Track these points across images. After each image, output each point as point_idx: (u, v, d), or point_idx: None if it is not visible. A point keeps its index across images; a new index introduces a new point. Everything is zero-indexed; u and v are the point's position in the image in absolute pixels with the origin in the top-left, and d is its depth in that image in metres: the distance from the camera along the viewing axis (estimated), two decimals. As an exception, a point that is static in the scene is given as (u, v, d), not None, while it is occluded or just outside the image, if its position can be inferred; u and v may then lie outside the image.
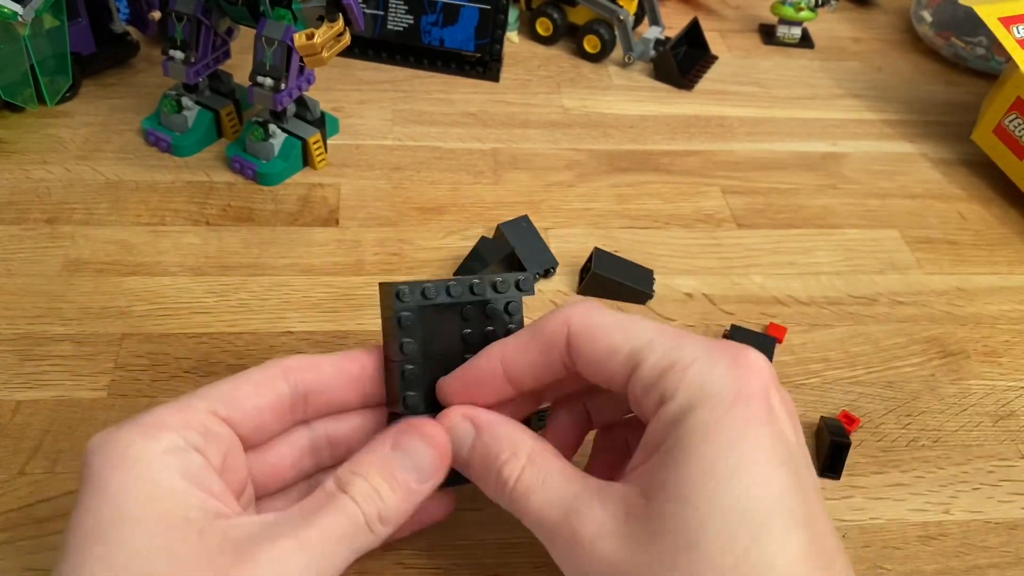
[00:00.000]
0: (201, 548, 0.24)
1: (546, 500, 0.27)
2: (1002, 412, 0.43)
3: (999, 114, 0.57)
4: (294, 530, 0.25)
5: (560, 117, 0.61)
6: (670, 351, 0.26)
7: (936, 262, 0.52)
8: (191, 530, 0.24)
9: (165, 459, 0.25)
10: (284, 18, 0.46)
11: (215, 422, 0.28)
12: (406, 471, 0.28)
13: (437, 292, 0.30)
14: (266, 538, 0.25)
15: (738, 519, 0.23)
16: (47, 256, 0.45)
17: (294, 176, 0.52)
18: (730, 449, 0.24)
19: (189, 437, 0.26)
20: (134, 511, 0.24)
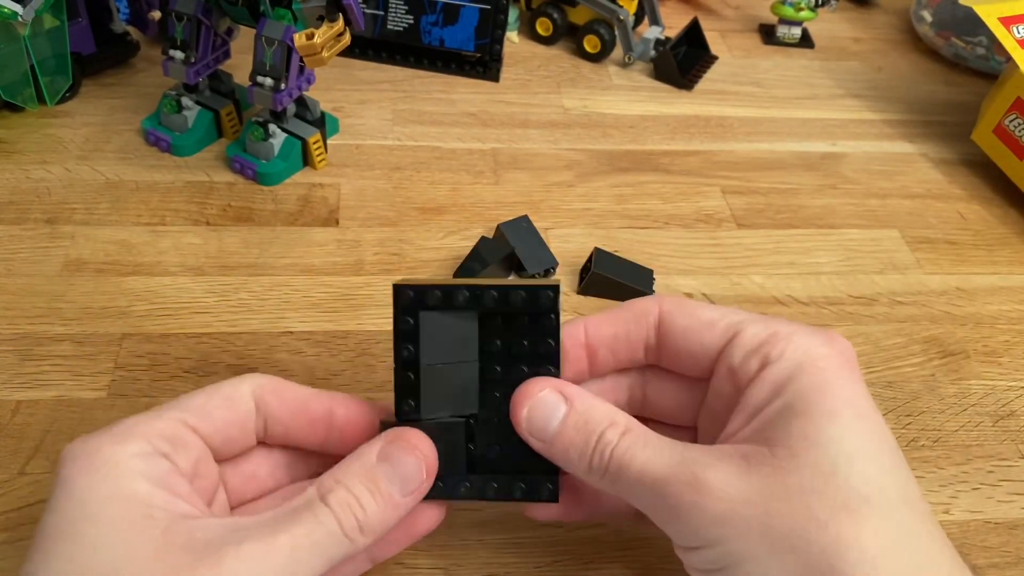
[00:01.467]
0: (163, 546, 0.24)
1: (655, 455, 0.27)
2: (1002, 412, 0.43)
3: (999, 114, 0.57)
4: (263, 535, 0.25)
5: (560, 117, 0.61)
6: (767, 324, 0.29)
7: (936, 262, 0.52)
8: (154, 528, 0.24)
9: (131, 462, 0.26)
10: (284, 18, 0.46)
11: (185, 431, 0.28)
12: (390, 482, 0.27)
13: (445, 297, 0.29)
14: (232, 540, 0.24)
15: (869, 456, 0.25)
16: (47, 256, 0.45)
17: (294, 176, 0.52)
18: (846, 403, 0.26)
19: (157, 443, 0.26)
20: (97, 510, 0.24)
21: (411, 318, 0.29)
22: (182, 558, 0.24)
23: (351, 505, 0.27)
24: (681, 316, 0.30)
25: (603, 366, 0.32)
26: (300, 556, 0.25)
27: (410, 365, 0.29)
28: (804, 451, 0.25)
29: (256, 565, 0.24)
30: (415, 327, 0.29)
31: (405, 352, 0.29)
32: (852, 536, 0.24)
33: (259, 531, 0.25)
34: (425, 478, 0.28)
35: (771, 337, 0.28)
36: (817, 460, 0.25)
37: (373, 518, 0.27)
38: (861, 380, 0.28)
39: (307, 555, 0.25)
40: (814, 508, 0.25)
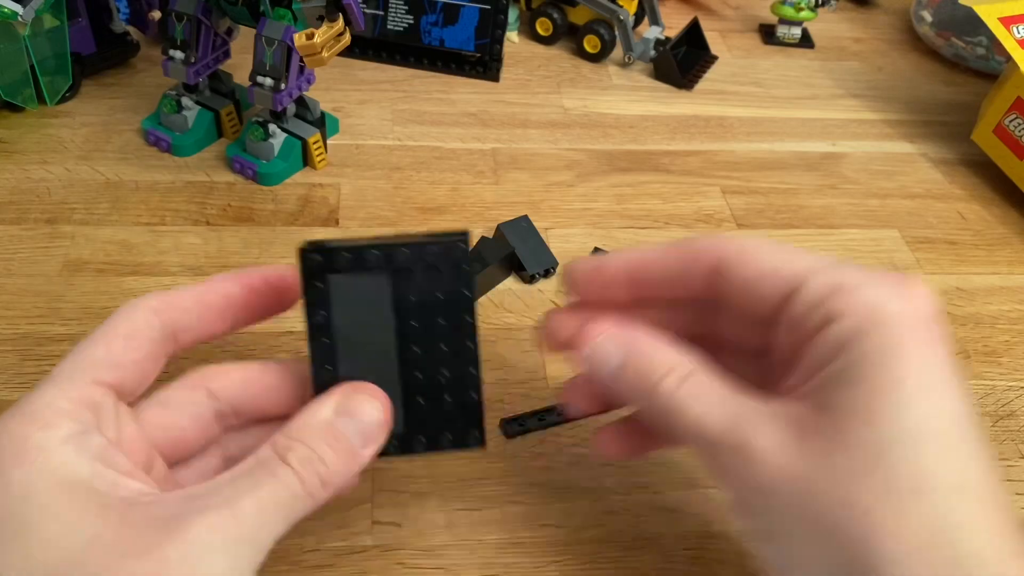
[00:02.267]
0: (125, 529, 0.23)
1: (708, 410, 0.26)
2: (1002, 412, 0.43)
3: (999, 114, 0.57)
4: (226, 502, 0.24)
5: (560, 117, 0.61)
6: (834, 274, 0.26)
7: (936, 262, 0.52)
8: (111, 513, 0.23)
9: (66, 448, 0.24)
10: (284, 18, 0.46)
11: (102, 393, 0.26)
12: (350, 434, 0.27)
13: (355, 260, 0.28)
14: (194, 511, 0.24)
15: (924, 438, 0.24)
16: (47, 256, 0.45)
17: (294, 176, 0.52)
18: (913, 371, 0.24)
19: (83, 418, 0.25)
20: (45, 503, 0.23)
21: (320, 283, 0.28)
22: (147, 537, 0.23)
23: (312, 461, 0.26)
24: (744, 263, 0.28)
25: (652, 297, 0.30)
26: (266, 519, 0.25)
27: (323, 331, 0.29)
28: (857, 426, 0.24)
29: (223, 534, 0.24)
30: (326, 291, 0.28)
31: (318, 318, 0.28)
32: (892, 527, 0.23)
33: (220, 498, 0.24)
34: (382, 428, 0.28)
35: (837, 289, 0.26)
36: (869, 438, 0.24)
37: (335, 472, 0.26)
38: (938, 341, 0.25)
39: (272, 516, 0.25)
40: (858, 493, 0.24)
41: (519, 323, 0.44)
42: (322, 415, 0.27)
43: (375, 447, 0.28)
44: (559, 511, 0.36)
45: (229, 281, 0.30)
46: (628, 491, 0.37)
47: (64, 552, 0.23)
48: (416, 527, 0.35)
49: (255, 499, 0.25)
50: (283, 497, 0.25)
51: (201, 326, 0.30)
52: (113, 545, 0.23)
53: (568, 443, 0.39)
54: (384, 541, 0.34)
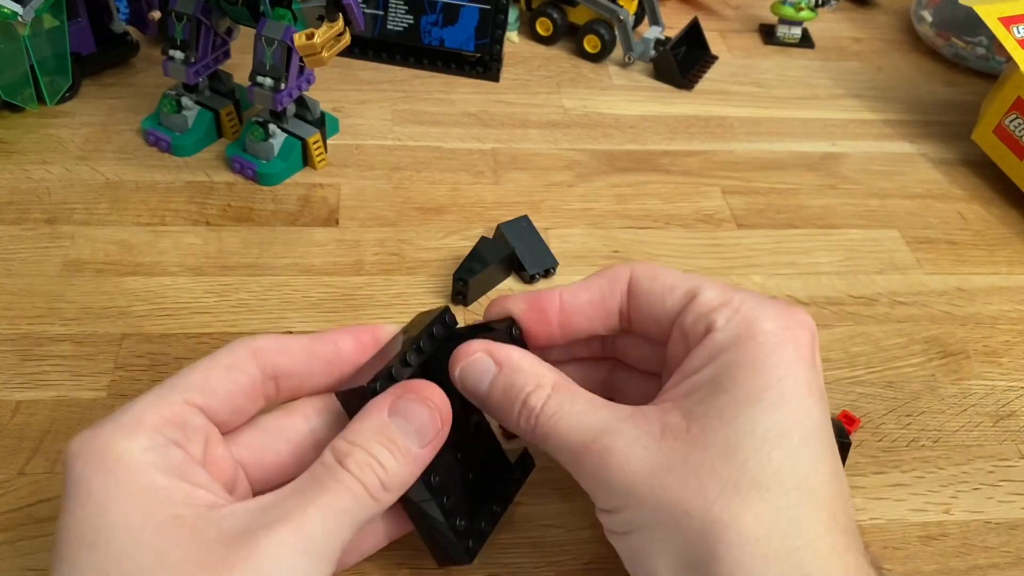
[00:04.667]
0: (193, 545, 0.23)
1: (576, 423, 0.28)
2: (1002, 412, 0.43)
3: (999, 114, 0.57)
4: (291, 512, 0.24)
5: (560, 117, 0.61)
6: (726, 292, 0.29)
7: (936, 262, 0.52)
8: (181, 528, 0.24)
9: (145, 457, 0.25)
10: (284, 18, 0.46)
11: (192, 413, 0.27)
12: (406, 436, 0.27)
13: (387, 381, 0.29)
14: (261, 525, 0.24)
15: (776, 439, 0.26)
16: (47, 256, 0.45)
17: (294, 176, 0.52)
18: (776, 382, 0.26)
19: (168, 433, 0.26)
20: (120, 515, 0.24)
21: None
22: (215, 553, 0.23)
23: (371, 465, 0.26)
24: (647, 280, 0.31)
25: (578, 332, 0.32)
26: (331, 526, 0.25)
27: None
28: (715, 429, 0.26)
29: (291, 547, 0.24)
30: None
31: None
32: (734, 517, 0.25)
33: (286, 508, 0.25)
34: (440, 427, 0.28)
35: (723, 304, 0.28)
36: (724, 439, 0.26)
37: (394, 474, 0.27)
38: (806, 358, 0.27)
39: (336, 523, 0.25)
40: (705, 486, 0.25)
41: (519, 323, 0.44)
42: (376, 417, 0.27)
43: (435, 446, 0.28)
44: (559, 511, 0.36)
45: (342, 333, 0.31)
46: (628, 491, 0.37)
47: (136, 568, 0.23)
48: (416, 527, 0.35)
49: (318, 507, 0.25)
50: (346, 502, 0.25)
51: (305, 375, 0.30)
52: (183, 563, 0.23)
53: (568, 443, 0.39)
54: (384, 541, 0.34)
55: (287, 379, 0.29)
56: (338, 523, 0.25)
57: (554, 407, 0.28)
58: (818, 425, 0.27)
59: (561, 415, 0.28)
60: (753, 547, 0.25)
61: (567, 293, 0.32)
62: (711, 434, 0.26)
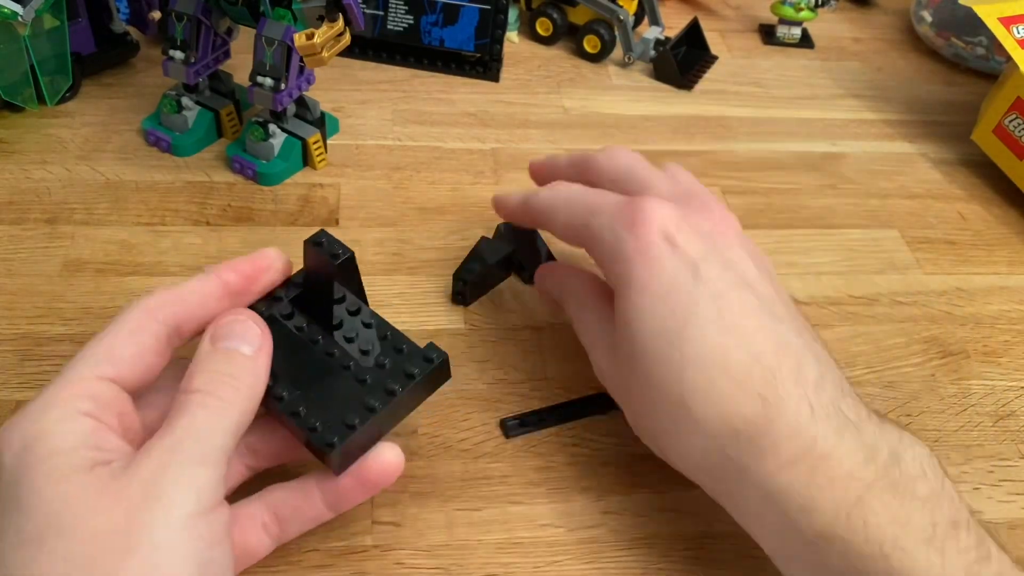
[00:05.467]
0: (92, 487, 0.26)
1: (583, 332, 0.38)
2: (1002, 412, 0.43)
3: (999, 114, 0.57)
4: (160, 438, 0.27)
5: (560, 117, 0.61)
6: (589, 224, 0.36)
7: (936, 262, 0.52)
8: (80, 475, 0.26)
9: (55, 427, 0.27)
10: (284, 18, 0.46)
11: (102, 385, 0.29)
12: (235, 347, 0.30)
13: None
14: (142, 455, 0.27)
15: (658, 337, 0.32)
16: (47, 256, 0.45)
17: (294, 176, 0.52)
18: (636, 297, 0.33)
19: (79, 405, 0.28)
20: (28, 478, 0.26)
21: None
22: (112, 487, 0.26)
23: (216, 376, 0.29)
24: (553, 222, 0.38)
25: None
26: (200, 434, 0.27)
27: None
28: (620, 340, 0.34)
29: (171, 461, 0.26)
30: None
31: None
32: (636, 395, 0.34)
33: (157, 438, 0.27)
34: (260, 331, 0.31)
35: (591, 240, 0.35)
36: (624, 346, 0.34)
37: (240, 375, 0.29)
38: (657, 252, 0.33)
39: (205, 430, 0.28)
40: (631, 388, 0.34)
41: (519, 323, 0.44)
42: (202, 349, 0.30)
43: (266, 350, 0.31)
44: (559, 511, 0.36)
45: (224, 269, 0.33)
46: (628, 491, 0.37)
47: (43, 517, 0.25)
48: (416, 527, 0.35)
49: (183, 425, 0.27)
50: (206, 414, 0.28)
51: (202, 316, 0.32)
52: (84, 501, 0.25)
53: (568, 443, 0.39)
54: (384, 541, 0.34)
55: (188, 324, 0.31)
56: (206, 431, 0.28)
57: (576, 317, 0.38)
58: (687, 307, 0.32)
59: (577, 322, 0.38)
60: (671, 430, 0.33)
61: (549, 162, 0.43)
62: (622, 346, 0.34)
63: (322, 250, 0.33)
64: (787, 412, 0.30)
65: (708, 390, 0.30)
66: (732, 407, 0.30)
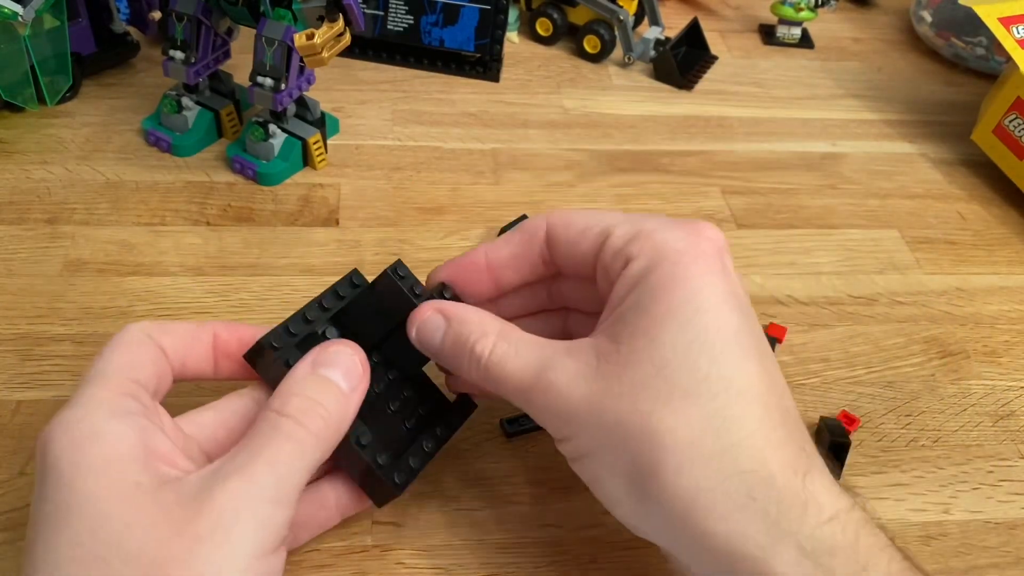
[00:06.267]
0: (155, 510, 0.25)
1: (521, 364, 0.30)
2: (1002, 412, 0.43)
3: (999, 114, 0.57)
4: (240, 467, 0.26)
5: (560, 117, 0.61)
6: (635, 224, 0.30)
7: (936, 262, 0.52)
8: (144, 495, 0.25)
9: (110, 427, 0.26)
10: (284, 18, 0.47)
11: (136, 388, 0.28)
12: (335, 379, 0.29)
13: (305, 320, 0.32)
14: (217, 482, 0.25)
15: (699, 349, 0.27)
16: (47, 256, 0.45)
17: (294, 176, 0.52)
18: (691, 295, 0.28)
19: (126, 404, 0.27)
20: (88, 488, 0.25)
21: None
22: (179, 514, 0.25)
23: (311, 406, 0.28)
24: (562, 228, 0.32)
25: (510, 283, 0.34)
26: (281, 471, 0.26)
27: None
28: (643, 347, 0.27)
29: (245, 498, 0.25)
30: None
31: None
32: (668, 426, 0.26)
33: (235, 464, 0.26)
34: (362, 370, 0.30)
35: (635, 236, 0.30)
36: (651, 356, 0.27)
37: (333, 411, 0.28)
38: (716, 269, 0.29)
39: (287, 468, 0.26)
40: (639, 401, 0.27)
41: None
42: (302, 371, 0.29)
43: (361, 389, 0.30)
44: (559, 511, 0.36)
45: (217, 325, 0.32)
46: (628, 491, 0.37)
47: (109, 537, 0.24)
48: (416, 527, 0.35)
49: (266, 457, 0.26)
50: (292, 448, 0.27)
51: (188, 357, 0.31)
52: (152, 528, 0.24)
53: (568, 443, 0.39)
54: (384, 541, 0.34)
55: (173, 359, 0.30)
56: (288, 468, 0.26)
57: (500, 353, 0.30)
58: (737, 330, 0.28)
59: (507, 359, 0.30)
60: (689, 450, 0.26)
61: (491, 250, 0.34)
62: (639, 353, 0.27)
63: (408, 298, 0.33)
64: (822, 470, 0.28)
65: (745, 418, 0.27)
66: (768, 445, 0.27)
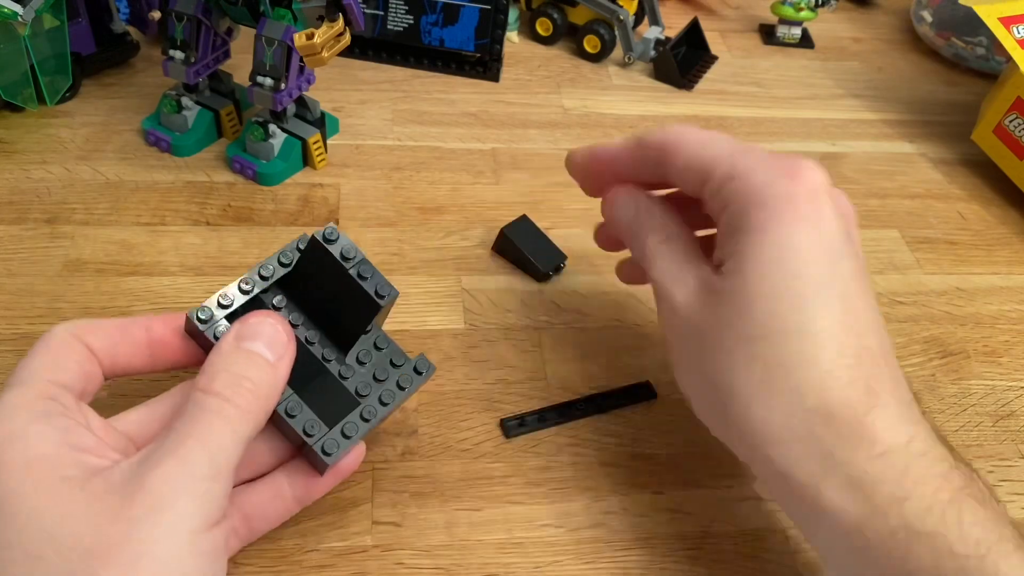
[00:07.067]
0: (86, 501, 0.24)
1: (664, 268, 0.33)
2: (1002, 412, 0.43)
3: (999, 114, 0.57)
4: (171, 449, 0.26)
5: (560, 117, 0.61)
6: (735, 164, 0.31)
7: (936, 262, 0.52)
8: (72, 488, 0.25)
9: (32, 428, 0.26)
10: (284, 18, 0.46)
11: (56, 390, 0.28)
12: (258, 349, 0.29)
13: None
14: (149, 467, 0.25)
15: (782, 295, 0.29)
16: (47, 256, 0.45)
17: (294, 176, 0.52)
18: (781, 241, 0.29)
19: (45, 407, 0.27)
20: (14, 486, 0.25)
21: None
22: (112, 501, 0.24)
23: (238, 380, 0.28)
24: (675, 155, 0.33)
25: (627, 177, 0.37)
26: (213, 448, 0.26)
27: None
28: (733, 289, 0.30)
29: (178, 478, 0.25)
30: None
31: None
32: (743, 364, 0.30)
33: (166, 448, 0.26)
34: (287, 339, 0.30)
35: (732, 178, 0.31)
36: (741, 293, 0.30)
37: (260, 383, 0.28)
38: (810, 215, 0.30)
39: (218, 445, 0.26)
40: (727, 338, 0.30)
41: (519, 323, 0.44)
42: (226, 346, 0.29)
43: (288, 359, 0.29)
44: (559, 511, 0.36)
45: (152, 317, 0.32)
46: (628, 491, 0.37)
47: (41, 531, 0.24)
48: (416, 527, 0.35)
49: (196, 436, 0.26)
50: (221, 424, 0.27)
51: (119, 354, 0.30)
52: (79, 515, 0.24)
53: (568, 443, 0.39)
54: (384, 541, 0.34)
55: (103, 356, 0.30)
56: (219, 445, 0.26)
57: (657, 251, 0.34)
58: (822, 274, 0.29)
59: (659, 258, 0.34)
60: (759, 388, 0.29)
61: (611, 151, 0.36)
62: (731, 293, 0.30)
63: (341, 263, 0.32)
64: (888, 407, 0.29)
65: (816, 360, 0.29)
66: (838, 386, 0.29)
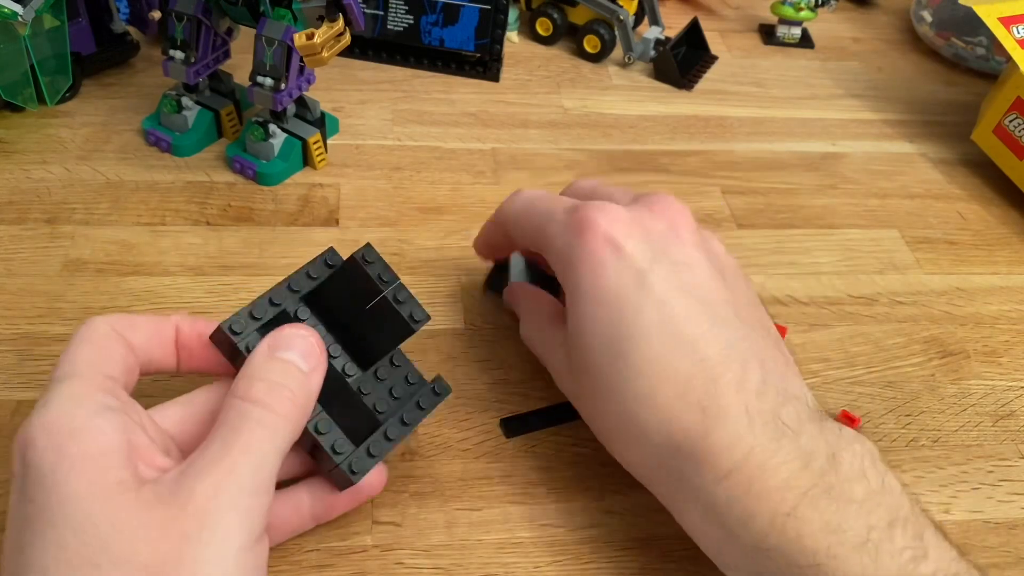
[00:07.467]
0: (140, 510, 0.25)
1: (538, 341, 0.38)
2: (1002, 412, 0.43)
3: (999, 114, 0.57)
4: (216, 459, 0.26)
5: (560, 117, 0.61)
6: (545, 234, 0.35)
7: (936, 262, 0.52)
8: (126, 494, 0.25)
9: (90, 424, 0.26)
10: (284, 18, 0.46)
11: (111, 383, 0.28)
12: (293, 359, 0.29)
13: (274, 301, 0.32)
14: (195, 478, 0.25)
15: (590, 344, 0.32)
16: (47, 256, 0.45)
17: (294, 176, 0.52)
18: (577, 296, 0.33)
19: (104, 400, 0.27)
20: (72, 488, 0.25)
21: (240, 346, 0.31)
22: (162, 513, 0.25)
23: (276, 387, 0.28)
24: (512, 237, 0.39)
25: None
26: (257, 458, 0.26)
27: None
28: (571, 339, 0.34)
29: (227, 489, 0.25)
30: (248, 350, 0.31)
31: None
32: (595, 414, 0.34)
33: (212, 457, 0.26)
34: (320, 352, 0.30)
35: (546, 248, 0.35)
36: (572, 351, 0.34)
37: (298, 392, 0.28)
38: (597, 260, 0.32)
39: (261, 454, 0.27)
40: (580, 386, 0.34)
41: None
42: (259, 356, 0.29)
43: (320, 370, 0.30)
44: (559, 511, 0.36)
45: (178, 319, 0.32)
46: (628, 491, 0.37)
47: (95, 539, 0.24)
48: (416, 527, 0.35)
49: (240, 447, 0.26)
50: (263, 433, 0.27)
51: (152, 351, 0.31)
52: (137, 529, 0.24)
53: (568, 443, 0.39)
54: (384, 541, 0.34)
55: (140, 353, 0.30)
56: (262, 455, 0.27)
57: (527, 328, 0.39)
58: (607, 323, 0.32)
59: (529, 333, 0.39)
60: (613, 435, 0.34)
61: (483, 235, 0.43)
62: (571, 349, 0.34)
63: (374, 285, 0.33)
64: (726, 423, 0.29)
65: (651, 399, 0.30)
66: (673, 417, 0.30)
